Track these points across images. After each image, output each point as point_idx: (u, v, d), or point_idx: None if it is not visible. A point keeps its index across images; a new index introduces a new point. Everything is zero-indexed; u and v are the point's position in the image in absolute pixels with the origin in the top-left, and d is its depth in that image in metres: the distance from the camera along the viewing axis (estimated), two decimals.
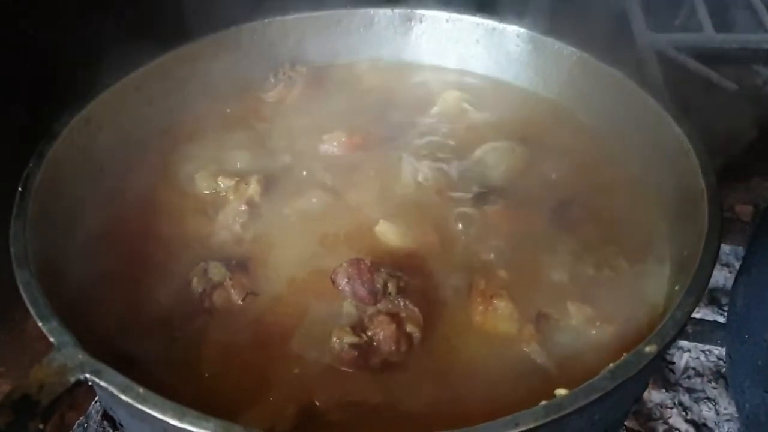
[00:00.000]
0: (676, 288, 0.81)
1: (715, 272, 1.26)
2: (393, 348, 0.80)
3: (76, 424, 1.01)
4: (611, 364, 0.68)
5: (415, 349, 0.81)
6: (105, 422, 1.02)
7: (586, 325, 0.84)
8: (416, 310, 0.82)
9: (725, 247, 1.33)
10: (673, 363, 1.16)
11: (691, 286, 0.75)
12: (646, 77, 1.57)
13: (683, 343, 1.16)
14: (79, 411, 1.05)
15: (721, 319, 1.20)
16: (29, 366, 0.94)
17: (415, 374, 0.80)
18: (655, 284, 0.89)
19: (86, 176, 0.95)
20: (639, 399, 1.01)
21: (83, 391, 0.69)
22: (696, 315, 1.22)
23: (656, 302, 0.87)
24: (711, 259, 0.77)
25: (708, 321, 1.15)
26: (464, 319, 0.86)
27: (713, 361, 1.18)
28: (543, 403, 0.64)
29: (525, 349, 0.82)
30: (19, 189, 0.83)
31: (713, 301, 1.26)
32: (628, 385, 0.68)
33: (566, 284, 0.89)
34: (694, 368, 1.17)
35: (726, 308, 1.24)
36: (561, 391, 0.67)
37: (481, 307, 0.85)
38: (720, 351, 1.17)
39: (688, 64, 1.63)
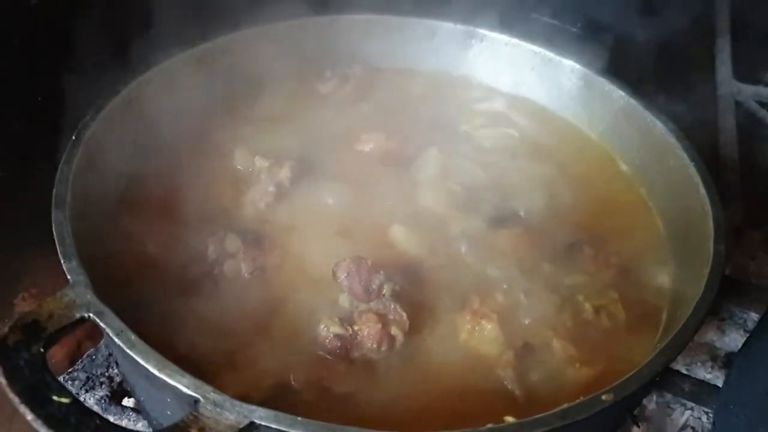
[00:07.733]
0: (657, 345, 0.82)
1: (737, 337, 1.27)
2: (374, 346, 0.84)
3: (86, 354, 1.11)
4: (566, 404, 0.71)
5: (395, 351, 0.85)
6: (111, 357, 1.11)
7: (566, 364, 0.87)
8: (404, 315, 0.86)
9: (754, 315, 1.31)
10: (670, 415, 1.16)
11: (666, 348, 0.76)
12: (718, 127, 1.55)
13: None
14: (95, 341, 1.14)
15: None
16: None
17: (390, 374, 0.84)
18: (645, 340, 0.90)
19: (135, 134, 1.02)
20: None
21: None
22: (707, 376, 1.22)
23: (641, 358, 0.87)
24: (693, 326, 0.78)
25: (707, 384, 1.14)
26: (451, 333, 0.89)
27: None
28: (489, 426, 0.68)
29: (500, 372, 0.85)
30: (73, 138, 0.91)
31: (729, 365, 1.25)
32: (579, 428, 0.70)
33: (559, 320, 0.91)
34: (692, 427, 1.17)
35: None
36: (509, 419, 0.70)
37: (468, 326, 0.89)
38: None
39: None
